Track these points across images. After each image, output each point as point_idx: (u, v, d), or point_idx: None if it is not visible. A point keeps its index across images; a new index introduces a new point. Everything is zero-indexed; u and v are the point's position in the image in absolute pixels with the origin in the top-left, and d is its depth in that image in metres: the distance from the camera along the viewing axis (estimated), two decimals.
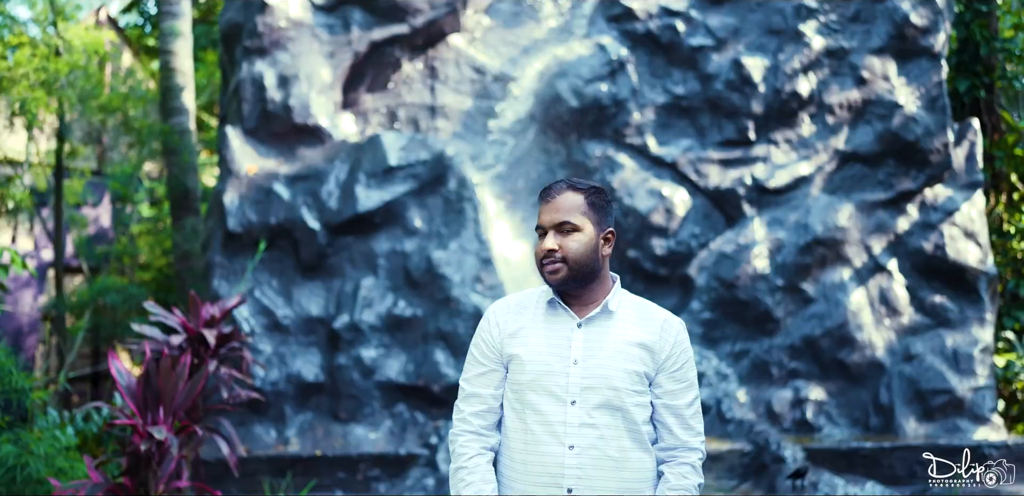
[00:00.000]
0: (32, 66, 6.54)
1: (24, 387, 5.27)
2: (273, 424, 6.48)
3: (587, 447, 2.19)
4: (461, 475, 2.21)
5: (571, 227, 2.23)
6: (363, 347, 6.60)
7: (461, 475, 2.21)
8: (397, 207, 6.89)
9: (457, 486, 2.21)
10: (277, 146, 7.17)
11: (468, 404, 2.28)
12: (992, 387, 6.74)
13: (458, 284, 6.62)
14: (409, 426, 6.48)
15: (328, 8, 7.42)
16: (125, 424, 3.72)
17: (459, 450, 2.24)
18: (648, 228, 7.06)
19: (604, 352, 2.23)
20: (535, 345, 2.25)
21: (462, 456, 2.22)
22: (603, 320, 2.28)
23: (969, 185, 7.15)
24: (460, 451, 2.24)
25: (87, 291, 8.47)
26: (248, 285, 6.64)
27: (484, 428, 2.27)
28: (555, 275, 2.21)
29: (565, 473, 2.19)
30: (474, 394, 2.28)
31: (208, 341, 4.42)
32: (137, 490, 3.90)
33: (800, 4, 7.31)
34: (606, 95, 7.19)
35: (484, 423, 2.26)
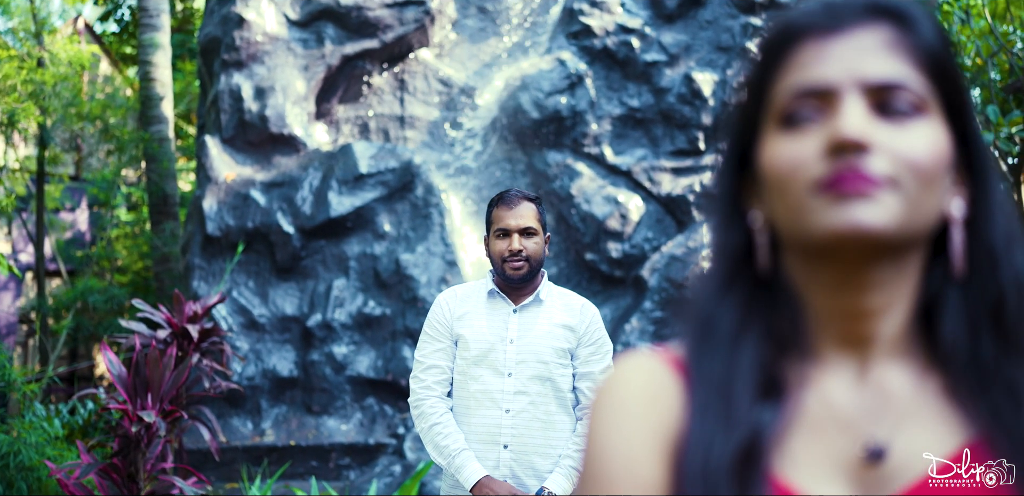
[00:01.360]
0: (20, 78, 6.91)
1: (16, 380, 5.64)
2: (250, 416, 6.86)
3: (520, 411, 2.66)
4: (437, 430, 2.67)
5: (532, 231, 2.74)
6: (335, 344, 6.99)
7: (437, 430, 2.67)
8: (367, 212, 7.29)
9: (435, 439, 2.67)
10: (254, 154, 7.56)
11: (429, 374, 2.74)
12: None
13: (424, 285, 7.02)
14: (378, 418, 6.89)
15: (303, 24, 7.82)
16: (117, 409, 4.11)
17: (428, 410, 2.70)
18: (604, 232, 7.50)
19: (535, 333, 2.70)
20: (478, 327, 2.72)
21: (433, 415, 2.68)
22: (535, 307, 2.76)
23: None
24: (430, 411, 2.69)
25: (70, 292, 8.82)
26: (226, 286, 7.02)
27: (444, 394, 2.74)
28: (519, 271, 2.72)
29: (502, 432, 2.65)
30: (434, 365, 2.74)
31: (191, 335, 4.81)
32: (128, 470, 4.29)
33: (747, 23, 7.78)
34: (565, 107, 7.61)
35: (443, 390, 2.74)
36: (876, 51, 0.82)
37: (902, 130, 0.80)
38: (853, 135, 0.79)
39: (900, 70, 0.81)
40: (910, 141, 0.80)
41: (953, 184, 0.84)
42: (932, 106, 0.82)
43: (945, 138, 0.82)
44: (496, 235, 2.73)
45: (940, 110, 0.83)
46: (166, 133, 9.55)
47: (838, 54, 0.82)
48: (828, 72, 0.82)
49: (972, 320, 0.84)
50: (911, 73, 0.82)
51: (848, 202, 0.79)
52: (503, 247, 2.70)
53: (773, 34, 0.86)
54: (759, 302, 0.87)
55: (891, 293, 0.85)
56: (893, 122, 0.80)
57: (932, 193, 0.81)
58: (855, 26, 0.83)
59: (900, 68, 0.81)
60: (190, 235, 7.50)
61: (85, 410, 6.70)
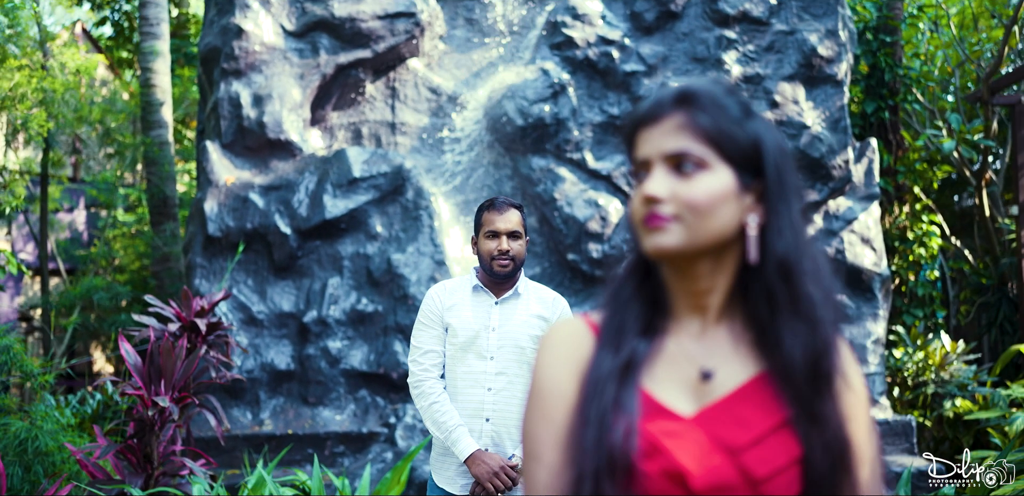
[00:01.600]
0: (31, 86, 7.28)
1: (32, 371, 6.02)
2: (249, 407, 7.25)
3: (501, 389, 3.09)
4: (436, 407, 3.10)
5: (517, 234, 3.20)
6: (330, 339, 7.39)
7: (436, 407, 3.10)
8: (360, 214, 7.68)
9: (434, 416, 3.11)
10: (252, 159, 7.94)
11: (427, 358, 3.18)
12: (882, 374, 7.68)
13: (415, 283, 7.41)
14: (370, 408, 7.29)
15: (299, 34, 8.19)
16: (134, 394, 4.50)
17: (428, 390, 3.13)
18: (585, 234, 7.90)
19: (514, 322, 3.13)
20: (464, 318, 3.14)
21: (432, 394, 3.12)
22: (513, 300, 3.19)
23: (867, 197, 8.09)
24: (430, 391, 3.13)
25: (76, 290, 9.19)
26: (227, 284, 7.41)
27: (439, 375, 3.18)
28: (505, 268, 3.18)
29: (485, 408, 3.08)
30: (431, 350, 3.17)
31: (200, 328, 5.21)
32: (143, 451, 4.69)
33: (721, 35, 8.20)
34: (549, 115, 7.99)
35: (439, 372, 3.17)
36: (673, 132, 1.33)
37: (688, 182, 1.32)
38: (651, 193, 1.31)
39: (686, 143, 1.32)
40: (691, 189, 1.31)
41: (754, 204, 1.34)
42: (714, 163, 1.32)
43: (724, 182, 1.32)
44: (485, 236, 3.19)
45: (724, 163, 1.33)
46: (166, 137, 9.91)
47: (653, 137, 1.35)
48: (647, 150, 1.35)
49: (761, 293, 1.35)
50: (694, 144, 1.32)
51: (652, 233, 1.32)
52: (492, 247, 3.15)
53: (627, 124, 1.41)
54: (645, 285, 1.41)
55: (712, 280, 1.37)
56: (683, 177, 1.32)
57: (712, 219, 1.31)
58: (665, 116, 1.35)
59: (686, 142, 1.32)
60: (192, 236, 7.87)
61: (94, 401, 7.06)
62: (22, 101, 7.16)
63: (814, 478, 1.29)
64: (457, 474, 3.10)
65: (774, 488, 1.28)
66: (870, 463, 1.35)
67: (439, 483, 3.15)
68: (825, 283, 1.35)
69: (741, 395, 1.35)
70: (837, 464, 1.29)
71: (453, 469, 3.11)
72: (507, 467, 3.02)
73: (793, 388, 1.32)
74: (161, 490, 4.57)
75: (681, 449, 1.28)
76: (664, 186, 1.32)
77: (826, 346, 1.32)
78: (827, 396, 1.32)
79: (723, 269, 1.37)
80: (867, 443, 1.36)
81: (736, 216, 1.33)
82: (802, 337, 1.32)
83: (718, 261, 1.36)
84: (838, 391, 1.33)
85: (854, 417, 1.35)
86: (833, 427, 1.30)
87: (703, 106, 1.34)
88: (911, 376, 8.19)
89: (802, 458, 1.30)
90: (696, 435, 1.30)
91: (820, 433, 1.30)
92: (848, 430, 1.32)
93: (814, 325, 1.32)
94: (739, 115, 1.36)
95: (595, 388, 1.31)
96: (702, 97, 1.35)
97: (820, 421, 1.30)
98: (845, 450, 1.30)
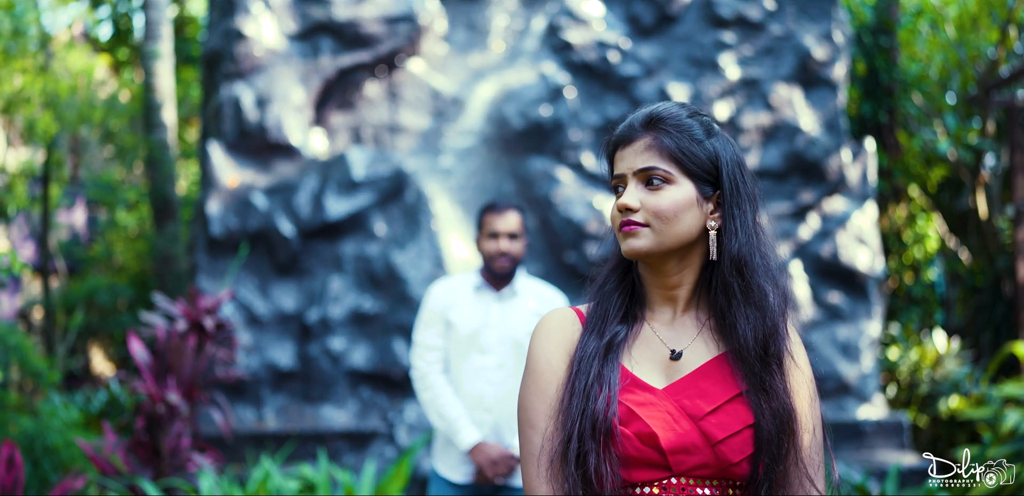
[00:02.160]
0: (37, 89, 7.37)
1: (40, 369, 6.11)
2: (253, 406, 7.34)
3: (500, 382, 3.21)
4: (439, 399, 3.25)
5: (516, 235, 3.34)
6: (331, 339, 7.48)
7: (439, 399, 3.25)
8: (362, 216, 7.77)
9: (438, 407, 3.26)
10: (254, 161, 8.03)
11: (430, 353, 3.32)
12: (875, 374, 7.79)
13: (415, 283, 7.50)
14: (371, 407, 7.38)
15: (300, 37, 8.29)
16: (145, 391, 4.59)
17: (431, 383, 3.27)
18: (583, 235, 7.98)
19: (512, 319, 3.25)
20: (465, 314, 3.26)
21: (435, 386, 3.26)
22: (511, 297, 3.31)
23: (862, 198, 8.19)
24: (433, 383, 3.27)
25: (80, 289, 9.27)
26: (230, 284, 7.50)
27: (442, 370, 3.31)
28: (504, 268, 3.32)
29: (485, 399, 3.20)
30: (434, 346, 3.30)
31: (206, 327, 5.30)
32: (153, 446, 4.78)
33: (718, 39, 8.29)
34: (548, 117, 8.08)
35: (441, 366, 3.31)
36: (642, 152, 1.64)
37: (656, 194, 1.62)
38: (625, 204, 1.62)
39: (653, 161, 1.63)
40: (658, 201, 1.61)
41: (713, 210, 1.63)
42: (678, 177, 1.63)
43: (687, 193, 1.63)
44: (486, 237, 3.33)
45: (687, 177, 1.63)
46: (167, 138, 10.01)
47: (627, 156, 1.66)
48: (622, 167, 1.66)
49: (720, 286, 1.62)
50: (660, 162, 1.63)
51: (627, 237, 1.62)
52: (493, 247, 3.30)
53: (607, 144, 1.72)
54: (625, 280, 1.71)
55: (680, 275, 1.67)
56: (652, 190, 1.63)
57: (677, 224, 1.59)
58: (636, 137, 1.65)
59: (653, 160, 1.63)
60: (195, 236, 7.96)
61: (96, 401, 7.15)
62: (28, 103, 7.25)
63: (763, 441, 1.56)
64: (459, 462, 3.22)
65: (729, 449, 1.56)
66: (812, 430, 1.63)
67: (442, 472, 3.28)
68: (774, 276, 1.66)
69: (704, 372, 1.63)
70: (783, 429, 1.57)
71: (455, 458, 3.23)
72: (506, 456, 3.14)
73: (747, 366, 1.61)
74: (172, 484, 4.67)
75: (653, 416, 1.57)
76: (636, 198, 1.62)
77: (775, 330, 1.62)
78: (776, 373, 1.60)
79: (689, 266, 1.67)
80: (809, 413, 1.64)
81: (698, 221, 1.64)
82: (754, 322, 1.61)
83: (684, 259, 1.66)
84: (786, 369, 1.62)
85: (798, 391, 1.64)
86: (780, 399, 1.58)
87: (667, 129, 1.64)
88: (905, 375, 8.29)
89: (754, 424, 1.58)
90: (665, 404, 1.59)
91: (769, 404, 1.58)
92: (793, 402, 1.60)
93: (764, 312, 1.62)
94: (700, 135, 1.65)
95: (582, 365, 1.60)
96: (667, 120, 1.65)
97: (769, 393, 1.58)
98: (790, 418, 1.58)
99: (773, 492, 1.57)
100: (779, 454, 1.56)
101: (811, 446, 1.62)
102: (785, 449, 1.57)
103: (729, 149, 1.68)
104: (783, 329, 1.64)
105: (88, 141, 11.13)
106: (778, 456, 1.56)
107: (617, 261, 1.72)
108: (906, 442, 7.36)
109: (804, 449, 1.60)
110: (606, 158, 1.71)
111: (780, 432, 1.57)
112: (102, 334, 11.67)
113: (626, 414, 1.56)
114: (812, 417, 1.65)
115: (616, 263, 1.73)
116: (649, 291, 1.69)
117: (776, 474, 1.57)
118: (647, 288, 1.69)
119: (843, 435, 7.26)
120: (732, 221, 1.64)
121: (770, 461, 1.56)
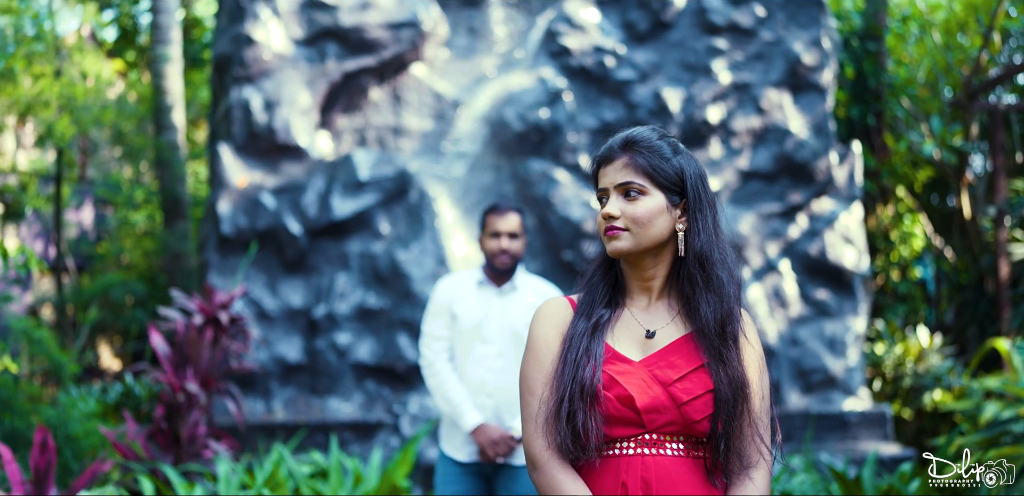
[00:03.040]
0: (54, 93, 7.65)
1: (62, 361, 6.40)
2: (262, 398, 7.64)
3: (501, 369, 3.51)
4: (447, 386, 3.56)
5: (516, 235, 3.65)
6: (338, 333, 7.78)
7: (447, 386, 3.56)
8: (367, 215, 8.06)
9: (444, 392, 3.56)
10: (263, 162, 8.32)
11: (437, 343, 3.63)
12: (861, 367, 8.10)
13: (419, 280, 7.80)
14: (376, 399, 7.69)
15: (307, 43, 8.56)
16: (165, 381, 4.89)
17: (438, 370, 3.59)
18: (580, 234, 8.27)
19: (511, 311, 3.56)
20: (468, 307, 3.56)
21: (442, 373, 3.58)
22: (511, 292, 3.61)
23: (848, 198, 8.49)
24: (440, 370, 3.59)
25: (94, 286, 9.56)
26: (241, 281, 7.80)
27: (448, 358, 3.61)
28: (505, 264, 3.63)
29: (487, 385, 3.50)
30: (441, 336, 3.61)
31: (222, 321, 5.60)
32: (173, 433, 5.08)
33: (711, 45, 8.59)
34: (546, 120, 8.34)
35: (447, 355, 3.61)
36: (621, 169, 1.99)
37: (632, 204, 1.98)
38: (608, 213, 1.96)
39: (630, 177, 1.98)
40: (635, 209, 1.97)
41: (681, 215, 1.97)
42: (651, 189, 1.92)
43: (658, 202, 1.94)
44: (489, 236, 3.65)
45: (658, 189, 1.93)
46: (177, 140, 10.29)
47: (609, 173, 2.01)
48: (604, 182, 2.02)
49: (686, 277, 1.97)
50: (635, 177, 1.93)
51: (611, 239, 1.97)
52: (494, 246, 3.62)
53: (593, 162, 2.01)
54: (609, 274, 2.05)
55: (655, 269, 2.01)
56: (629, 201, 1.98)
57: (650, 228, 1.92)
58: (616, 157, 2.02)
59: (629, 176, 1.98)
60: (206, 235, 8.25)
61: (114, 393, 7.42)
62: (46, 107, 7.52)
63: (721, 403, 1.91)
64: (464, 443, 3.54)
65: (693, 409, 1.92)
66: (762, 395, 1.99)
67: (447, 451, 3.58)
68: (730, 268, 1.99)
69: (673, 348, 1.98)
70: (737, 394, 1.92)
71: (460, 439, 3.54)
72: (506, 437, 3.45)
73: (708, 342, 1.95)
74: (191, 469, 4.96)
75: (630, 382, 1.92)
76: (617, 208, 1.97)
77: (731, 313, 1.96)
78: (732, 348, 1.95)
79: (662, 261, 2.02)
80: (759, 381, 1.99)
81: (669, 224, 1.99)
82: (714, 306, 1.96)
83: (658, 256, 2.02)
84: (740, 345, 1.97)
85: (751, 363, 1.98)
86: (735, 369, 1.93)
87: (641, 150, 1.98)
88: (890, 369, 8.59)
89: (713, 389, 1.92)
90: (641, 373, 1.94)
91: (726, 373, 1.93)
92: (746, 371, 1.95)
93: (722, 298, 1.96)
94: (668, 154, 1.99)
95: (572, 342, 1.96)
96: (641, 143, 1.99)
97: (726, 364, 1.93)
98: (743, 384, 1.93)
99: (729, 445, 1.91)
100: (734, 414, 1.91)
101: (761, 408, 1.96)
102: (739, 410, 1.91)
103: (692, 165, 2.01)
104: (737, 312, 1.98)
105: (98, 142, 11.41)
106: (733, 415, 1.91)
107: (602, 258, 2.08)
108: (889, 433, 7.66)
109: (755, 411, 1.94)
110: (592, 176, 2.07)
111: (735, 396, 1.91)
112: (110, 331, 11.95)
113: (608, 381, 1.91)
114: (762, 385, 1.99)
115: (602, 260, 2.08)
116: (629, 282, 2.04)
117: (732, 431, 1.91)
118: (627, 280, 2.05)
119: (829, 426, 7.57)
120: (696, 224, 1.98)
121: (727, 419, 1.90)
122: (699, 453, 1.94)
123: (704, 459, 1.93)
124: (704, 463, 1.93)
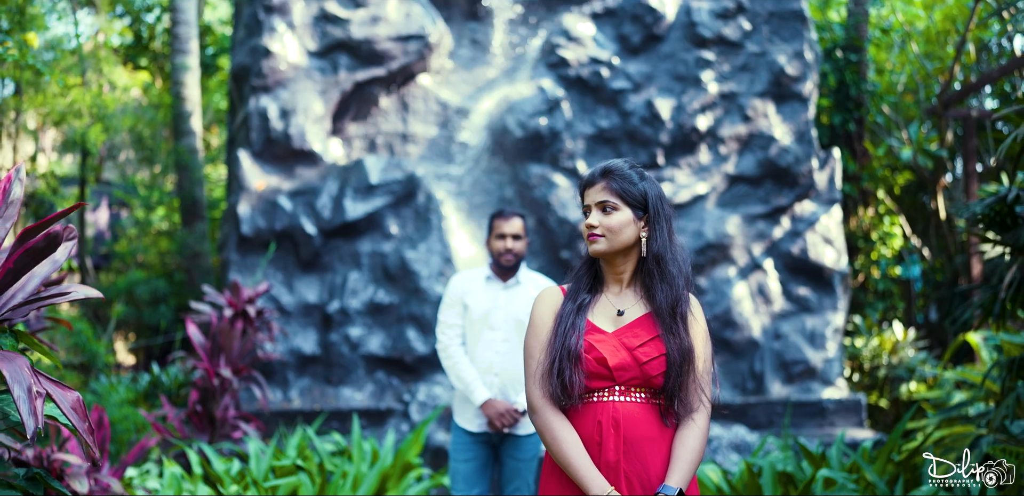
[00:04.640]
0: (86, 103, 8.18)
1: (98, 351, 6.94)
2: (280, 387, 8.18)
3: (505, 352, 4.06)
4: (460, 367, 4.11)
5: (519, 236, 4.20)
6: (350, 327, 8.31)
7: (460, 367, 4.11)
8: (377, 217, 8.56)
9: (458, 372, 4.12)
10: (280, 167, 8.82)
11: (452, 330, 4.16)
12: (839, 359, 8.65)
13: (426, 278, 8.31)
14: (387, 388, 8.22)
15: (320, 54, 9.07)
16: (202, 368, 5.44)
17: (452, 352, 4.14)
18: (577, 235, 8.78)
19: (515, 303, 4.10)
20: (478, 299, 4.11)
21: (456, 355, 4.13)
22: (515, 286, 4.16)
23: (829, 201, 9.02)
24: (453, 353, 4.13)
25: (121, 283, 10.09)
26: (260, 278, 8.33)
27: (461, 343, 4.15)
28: (509, 262, 4.19)
29: (494, 366, 4.05)
30: (454, 324, 4.16)
31: (250, 314, 6.14)
32: (207, 415, 5.62)
33: (700, 56, 9.09)
34: (545, 127, 8.76)
35: (460, 340, 4.16)
36: (600, 191, 2.66)
37: (608, 217, 2.53)
38: (590, 223, 2.62)
39: (606, 197, 2.53)
40: (610, 221, 2.51)
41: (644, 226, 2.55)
42: (622, 206, 2.49)
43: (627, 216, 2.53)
44: (495, 238, 4.21)
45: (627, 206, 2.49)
46: (195, 145, 10.81)
47: (591, 193, 2.61)
48: (587, 200, 2.70)
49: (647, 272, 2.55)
50: (611, 197, 2.52)
51: (592, 243, 2.59)
52: (500, 246, 4.18)
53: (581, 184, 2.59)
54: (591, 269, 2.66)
55: (625, 266, 2.62)
56: (606, 214, 2.53)
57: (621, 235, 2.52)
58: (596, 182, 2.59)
59: (606, 196, 2.53)
60: (226, 235, 8.76)
61: (143, 381, 7.96)
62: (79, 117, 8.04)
63: (672, 364, 2.54)
64: (474, 416, 4.09)
65: (650, 368, 2.55)
66: (704, 359, 2.62)
67: (460, 423, 4.14)
68: (680, 265, 2.58)
69: (637, 323, 2.61)
70: (684, 358, 2.56)
71: (471, 412, 4.10)
72: (511, 410, 4.00)
73: (662, 319, 2.59)
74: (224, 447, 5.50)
75: (604, 347, 2.56)
76: (596, 219, 2.59)
77: (678, 298, 2.60)
78: (679, 323, 2.58)
79: (630, 260, 2.65)
80: (703, 349, 2.63)
81: (634, 233, 2.60)
82: (666, 293, 2.60)
83: (627, 256, 2.64)
84: (688, 321, 2.62)
85: (696, 336, 2.62)
86: (682, 339, 2.57)
87: (615, 177, 2.61)
88: (867, 361, 9.14)
89: (666, 353, 2.55)
90: (612, 341, 2.57)
91: (675, 341, 2.56)
92: (691, 341, 2.58)
93: (672, 288, 2.61)
94: (636, 180, 2.62)
95: (562, 319, 2.60)
96: (615, 171, 2.61)
97: (675, 335, 2.58)
98: (689, 350, 2.57)
99: (677, 395, 2.56)
100: (681, 372, 2.55)
101: (703, 369, 2.62)
102: (685, 369, 2.56)
103: (654, 188, 2.65)
104: (685, 297, 2.63)
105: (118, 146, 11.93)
106: (680, 373, 2.55)
107: (586, 257, 2.72)
108: (863, 419, 8.21)
109: (698, 371, 2.60)
110: (579, 194, 2.69)
111: (682, 359, 2.56)
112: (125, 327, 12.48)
113: (588, 347, 2.55)
114: (705, 351, 2.64)
115: (585, 258, 2.72)
116: (605, 275, 2.68)
117: (679, 384, 2.56)
118: (604, 273, 2.68)
119: (807, 413, 8.12)
120: (655, 232, 2.62)
121: (675, 376, 2.55)
122: (656, 401, 2.57)
123: (659, 405, 2.57)
124: (659, 408, 2.57)
